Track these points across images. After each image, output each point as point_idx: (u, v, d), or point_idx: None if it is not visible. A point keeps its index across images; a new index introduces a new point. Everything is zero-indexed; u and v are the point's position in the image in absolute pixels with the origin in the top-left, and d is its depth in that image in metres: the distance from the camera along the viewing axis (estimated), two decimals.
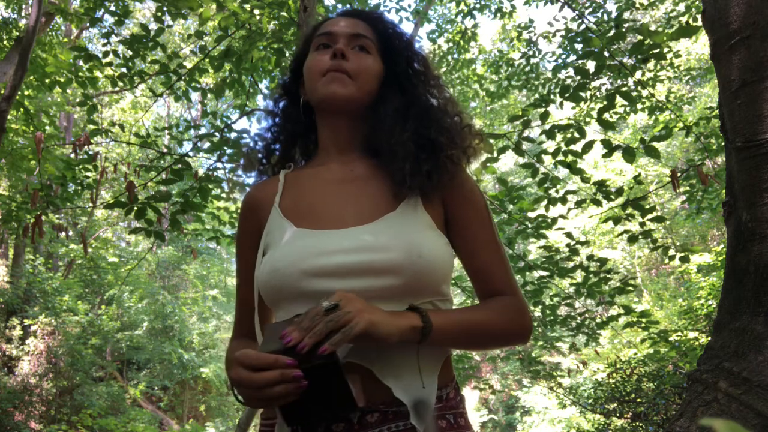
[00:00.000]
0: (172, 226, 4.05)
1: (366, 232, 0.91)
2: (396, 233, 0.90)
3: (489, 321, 0.93)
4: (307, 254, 0.89)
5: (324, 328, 0.74)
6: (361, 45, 1.04)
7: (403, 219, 0.94)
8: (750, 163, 1.41)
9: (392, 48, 1.07)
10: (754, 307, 1.36)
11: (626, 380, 6.04)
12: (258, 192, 1.08)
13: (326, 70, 1.00)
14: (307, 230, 0.94)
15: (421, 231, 0.93)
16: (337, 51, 1.00)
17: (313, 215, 0.97)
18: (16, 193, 7.74)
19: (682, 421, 1.33)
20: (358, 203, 0.98)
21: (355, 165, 1.04)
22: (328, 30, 1.05)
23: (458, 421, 0.93)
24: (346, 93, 0.99)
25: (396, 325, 0.80)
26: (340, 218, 0.95)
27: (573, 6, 5.82)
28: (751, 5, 1.44)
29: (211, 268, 16.07)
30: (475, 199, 1.02)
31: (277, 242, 0.95)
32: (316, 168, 1.07)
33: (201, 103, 12.73)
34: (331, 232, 0.92)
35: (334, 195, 1.00)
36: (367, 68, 1.02)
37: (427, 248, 0.89)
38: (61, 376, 9.91)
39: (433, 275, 0.90)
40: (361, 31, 1.05)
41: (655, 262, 15.63)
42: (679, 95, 8.78)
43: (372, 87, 1.03)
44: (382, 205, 0.97)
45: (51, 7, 6.03)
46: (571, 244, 4.10)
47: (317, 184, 1.03)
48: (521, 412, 14.52)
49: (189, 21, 12.61)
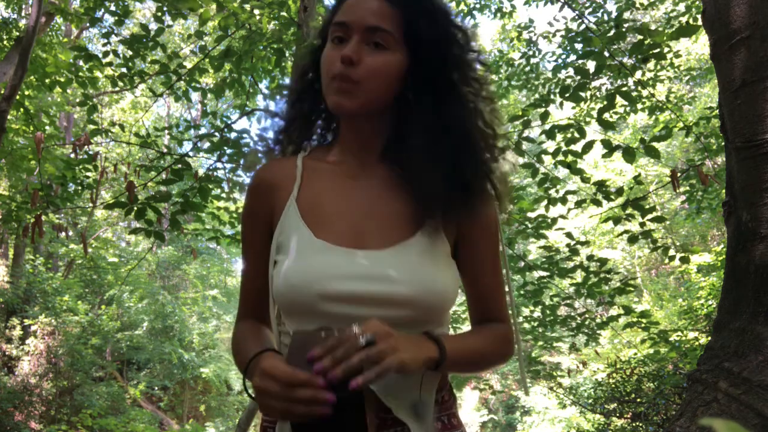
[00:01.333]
0: (172, 226, 4.05)
1: (386, 259, 0.90)
2: (414, 266, 0.90)
3: (486, 350, 0.98)
4: (325, 276, 0.88)
5: (358, 363, 0.73)
6: (378, 41, 0.91)
7: (422, 249, 0.92)
8: (750, 163, 1.41)
9: (424, 38, 0.93)
10: (754, 307, 1.36)
11: (626, 380, 6.03)
12: (272, 173, 1.02)
13: (335, 75, 0.91)
14: (325, 244, 0.91)
15: (438, 264, 0.93)
16: (345, 58, 0.89)
17: (332, 225, 0.94)
18: (16, 193, 7.73)
19: (682, 421, 1.33)
20: (379, 219, 0.95)
21: (376, 170, 0.99)
22: (344, 20, 0.93)
23: (452, 421, 0.98)
24: (352, 106, 0.92)
25: (419, 360, 0.82)
26: (360, 235, 0.93)
27: (573, 6, 5.82)
28: (751, 5, 1.44)
29: (211, 268, 16.07)
30: (491, 229, 1.00)
31: (293, 248, 0.92)
32: (335, 164, 1.01)
33: (201, 103, 12.74)
34: (350, 252, 0.90)
35: (353, 203, 0.96)
36: (378, 72, 0.91)
37: (442, 284, 0.91)
38: (61, 376, 9.91)
39: (443, 308, 0.93)
40: (379, 22, 0.91)
41: (655, 262, 15.63)
42: (679, 95, 8.78)
43: (385, 91, 0.93)
44: (402, 226, 0.94)
45: (51, 7, 6.03)
46: (571, 244, 4.10)
47: (336, 184, 0.98)
48: (521, 412, 14.51)
49: (189, 21, 12.61)
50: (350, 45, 0.91)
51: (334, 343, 0.75)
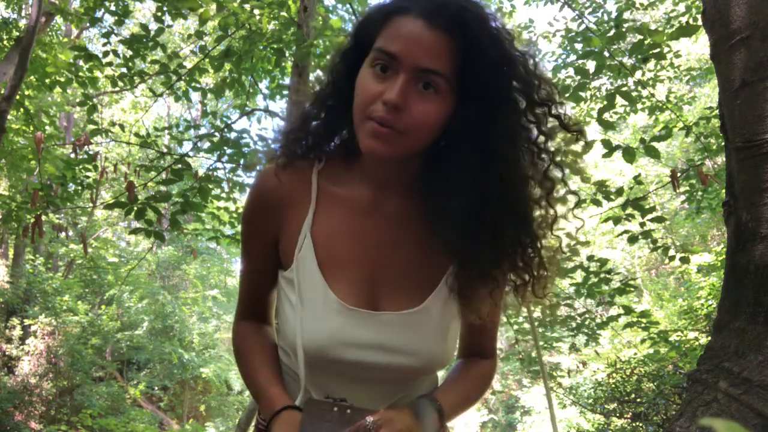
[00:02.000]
0: (172, 226, 4.06)
1: (398, 327, 0.89)
2: (425, 339, 0.90)
3: (475, 396, 1.01)
4: (336, 342, 0.87)
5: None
6: (427, 83, 0.79)
7: (435, 315, 0.91)
8: (750, 163, 1.41)
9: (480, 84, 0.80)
10: (754, 307, 1.36)
11: (626, 380, 6.03)
12: (283, 184, 0.93)
13: (372, 115, 0.79)
14: (340, 304, 0.88)
15: (444, 337, 0.93)
16: (389, 103, 0.77)
17: (347, 274, 0.90)
18: (16, 193, 7.73)
19: (682, 421, 1.33)
20: (395, 269, 0.91)
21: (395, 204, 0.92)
22: (393, 51, 0.78)
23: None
24: (391, 153, 0.81)
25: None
26: (375, 290, 0.91)
27: (573, 6, 5.82)
28: (751, 5, 1.44)
29: (211, 268, 16.07)
30: None
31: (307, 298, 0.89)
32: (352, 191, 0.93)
33: (201, 103, 12.74)
34: (363, 316, 0.88)
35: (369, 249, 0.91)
36: (426, 121, 0.80)
37: (443, 358, 0.93)
38: (61, 376, 9.91)
39: (437, 371, 0.98)
40: (434, 65, 0.77)
41: (655, 262, 15.63)
42: (679, 95, 8.78)
43: (431, 137, 0.83)
44: (419, 283, 0.91)
45: (51, 7, 6.03)
46: (571, 244, 4.10)
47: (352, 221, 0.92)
48: (521, 412, 14.51)
49: (189, 21, 12.61)
50: (397, 87, 0.78)
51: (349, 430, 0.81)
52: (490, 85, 0.80)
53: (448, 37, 0.78)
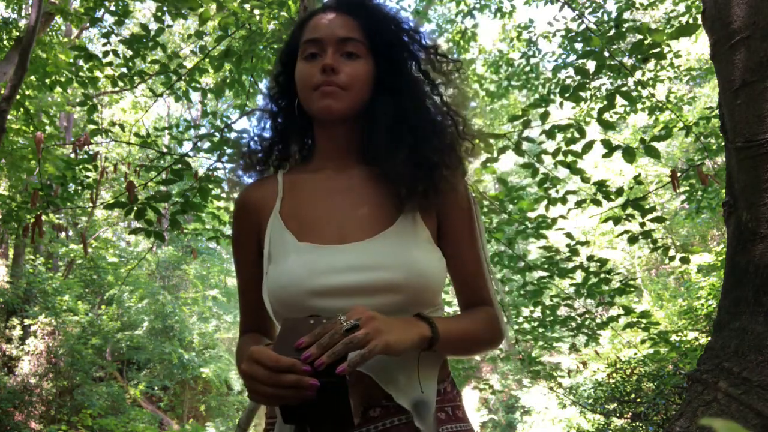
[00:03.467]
0: (172, 226, 4.05)
1: (367, 249, 0.94)
2: (396, 251, 0.93)
3: (477, 332, 1.01)
4: (310, 273, 0.91)
5: (343, 349, 0.76)
6: (350, 51, 1.00)
7: (402, 235, 0.96)
8: (750, 163, 1.41)
9: (383, 44, 1.03)
10: (754, 307, 1.36)
11: (626, 380, 6.04)
12: (255, 193, 1.08)
13: (317, 85, 0.98)
14: (309, 245, 0.96)
15: (419, 247, 0.96)
16: (327, 66, 0.97)
17: (314, 228, 0.99)
18: (16, 193, 7.72)
19: (682, 421, 1.33)
20: (358, 215, 0.99)
21: (353, 172, 1.04)
22: (315, 37, 1.01)
23: (456, 413, 0.98)
24: (341, 107, 0.98)
25: (409, 339, 0.84)
26: (341, 232, 0.97)
27: (573, 6, 5.82)
28: (751, 5, 1.44)
29: (211, 268, 16.06)
30: (469, 213, 1.04)
31: (280, 256, 0.97)
32: (313, 173, 1.07)
33: (201, 103, 12.74)
34: (332, 248, 0.94)
35: (333, 205, 1.01)
36: (358, 77, 0.99)
37: (425, 266, 0.94)
38: (61, 376, 9.91)
39: (430, 291, 0.95)
40: (349, 33, 1.01)
41: (655, 263, 15.62)
42: (679, 95, 8.77)
43: (365, 94, 1.02)
44: (381, 217, 0.98)
45: (51, 7, 6.03)
46: (571, 245, 4.10)
47: (316, 192, 1.04)
48: (521, 412, 14.51)
49: (189, 21, 12.61)
50: (327, 56, 0.98)
51: (320, 330, 0.77)
52: (390, 43, 1.02)
53: (353, 16, 1.02)
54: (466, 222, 1.04)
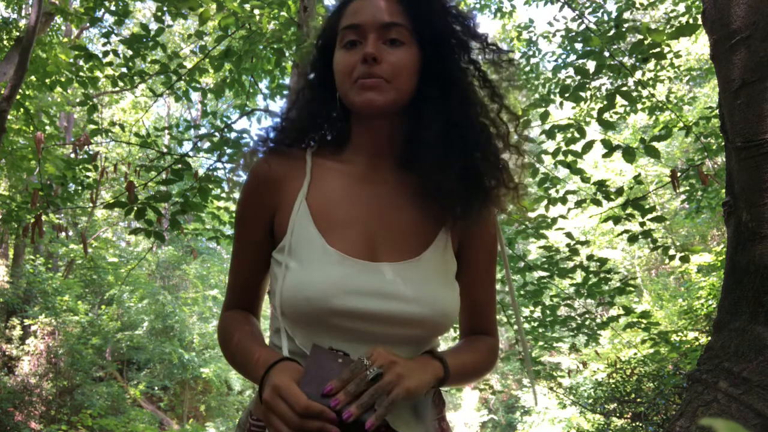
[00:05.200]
0: (172, 226, 4.05)
1: (398, 274, 0.89)
2: (426, 285, 0.90)
3: (480, 364, 1.00)
4: (339, 290, 0.86)
5: (370, 400, 0.75)
6: (393, 37, 0.90)
7: (434, 265, 0.93)
8: (750, 163, 1.41)
9: (430, 29, 0.92)
10: (754, 307, 1.36)
11: (626, 380, 6.04)
12: (279, 165, 0.97)
13: (358, 77, 0.89)
14: (339, 255, 0.89)
15: (447, 284, 0.94)
16: (368, 56, 0.88)
17: (344, 232, 0.92)
18: (16, 193, 7.73)
19: (682, 421, 1.33)
20: (392, 230, 0.93)
21: (388, 174, 0.96)
22: (356, 22, 0.91)
23: (441, 425, 0.98)
24: (384, 100, 0.89)
25: (426, 382, 0.84)
26: (373, 246, 0.91)
27: (573, 6, 5.82)
28: (751, 5, 1.44)
29: (211, 268, 16.05)
30: (490, 240, 1.01)
31: (305, 257, 0.89)
32: (346, 164, 0.98)
33: (201, 103, 12.73)
34: (363, 265, 0.89)
35: (366, 210, 0.94)
36: (404, 67, 0.90)
37: (450, 305, 0.92)
38: (61, 376, 9.91)
39: (447, 328, 0.94)
40: (392, 18, 0.90)
41: (655, 262, 15.62)
42: (679, 95, 8.77)
43: (412, 85, 0.92)
44: (415, 237, 0.94)
45: (51, 7, 6.03)
46: (571, 244, 4.10)
47: (348, 188, 0.96)
48: (521, 412, 14.51)
49: (189, 21, 12.61)
50: (369, 44, 0.89)
51: (347, 376, 0.77)
52: (438, 29, 0.92)
53: (397, 1, 0.92)
54: (488, 250, 1.01)
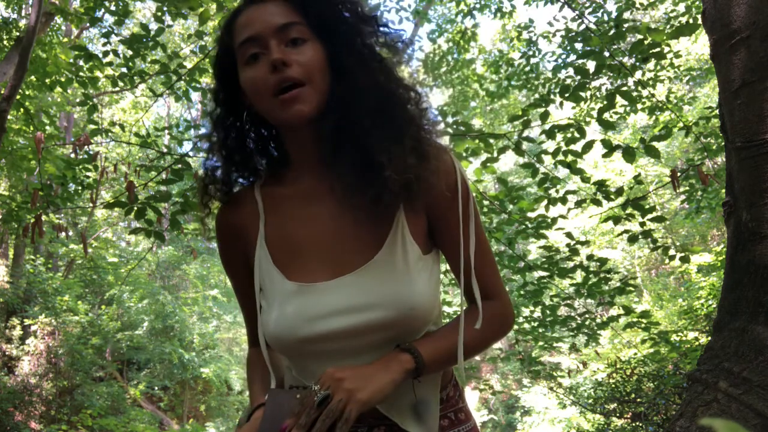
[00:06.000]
0: (172, 226, 4.05)
1: (355, 284, 0.88)
2: (385, 287, 0.87)
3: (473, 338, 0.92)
4: (301, 322, 0.88)
5: (323, 426, 0.74)
6: (294, 37, 0.88)
7: (392, 262, 0.89)
8: (750, 163, 1.41)
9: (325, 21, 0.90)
10: (754, 307, 1.36)
11: (626, 380, 6.03)
12: (235, 214, 1.00)
13: (275, 89, 0.86)
14: (297, 286, 0.90)
15: (409, 275, 0.88)
16: (276, 62, 0.84)
17: (302, 261, 0.92)
18: (16, 193, 7.73)
19: (682, 421, 1.33)
20: (344, 240, 0.92)
21: (334, 183, 0.92)
22: (252, 34, 0.87)
23: (458, 416, 0.98)
24: (311, 107, 0.87)
25: (390, 381, 0.82)
26: (329, 262, 0.91)
27: (573, 6, 5.82)
28: (751, 5, 1.44)
29: (211, 268, 16.05)
30: (450, 199, 0.92)
31: (271, 298, 0.93)
32: (290, 186, 0.97)
33: (201, 103, 12.72)
34: (321, 287, 0.89)
35: (317, 226, 0.93)
36: (314, 64, 0.87)
37: (416, 299, 0.87)
38: (61, 376, 9.91)
39: (424, 321, 0.90)
40: (287, 18, 0.88)
41: (655, 262, 15.62)
42: (679, 95, 8.77)
43: (326, 80, 0.90)
44: (368, 237, 0.91)
45: (51, 7, 6.03)
46: (571, 244, 4.10)
47: (298, 213, 0.95)
48: (521, 412, 14.50)
49: (189, 21, 12.61)
50: (272, 50, 0.86)
51: (298, 410, 0.77)
52: (332, 17, 0.90)
53: (284, 2, 0.90)
54: (453, 209, 0.92)
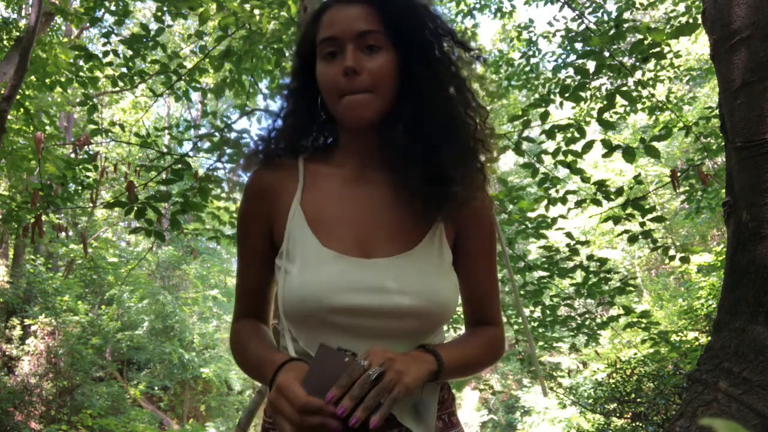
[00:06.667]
0: (172, 226, 4.06)
1: (391, 269, 0.91)
2: (420, 277, 0.92)
3: (479, 355, 1.00)
4: (335, 288, 0.89)
5: (374, 402, 0.77)
6: (371, 44, 0.93)
7: (428, 257, 0.95)
8: (750, 163, 1.41)
9: (404, 31, 0.95)
10: (754, 307, 1.36)
11: (626, 380, 6.03)
12: (273, 176, 1.01)
13: (343, 92, 0.92)
14: (333, 254, 0.92)
15: (442, 274, 0.95)
16: (348, 70, 0.90)
17: (339, 232, 0.94)
18: (16, 193, 7.73)
19: (682, 421, 1.33)
20: (384, 227, 0.96)
21: (377, 176, 0.99)
22: (332, 35, 0.93)
23: (452, 419, 1.00)
24: (372, 113, 0.93)
25: (421, 378, 0.85)
26: (366, 244, 0.94)
27: (573, 6, 5.82)
28: (751, 5, 1.44)
29: (211, 268, 16.06)
30: (486, 231, 1.02)
31: (302, 259, 0.92)
32: (337, 167, 1.01)
33: (201, 103, 12.72)
34: (358, 262, 0.91)
35: (358, 210, 0.97)
36: (384, 73, 0.93)
37: (446, 296, 0.93)
38: (61, 376, 9.91)
39: (445, 318, 0.95)
40: (367, 25, 0.93)
41: (655, 262, 15.62)
42: (679, 95, 8.77)
43: (392, 90, 0.95)
44: (408, 232, 0.95)
45: (51, 7, 6.03)
46: (571, 244, 4.10)
47: (340, 191, 0.99)
48: (521, 412, 14.51)
49: (189, 21, 12.61)
50: (347, 55, 0.92)
51: (347, 381, 0.78)
52: (410, 30, 0.94)
53: (367, 4, 0.94)
54: (485, 240, 1.02)
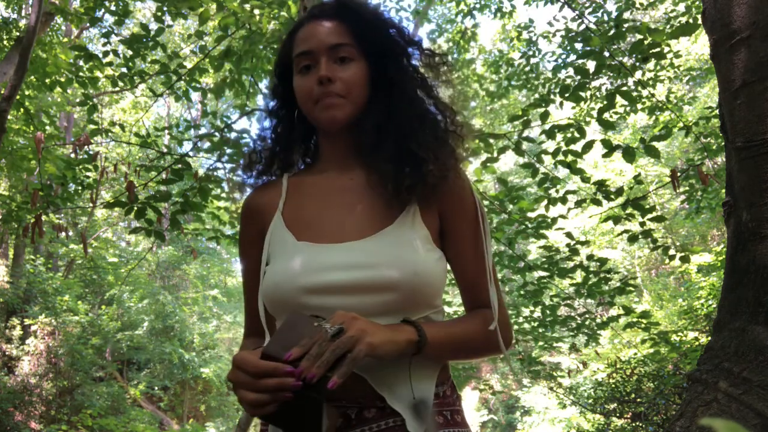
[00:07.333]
0: (172, 226, 4.05)
1: (363, 247, 0.93)
2: (392, 250, 0.93)
3: (468, 333, 0.98)
4: (305, 270, 0.92)
5: (331, 357, 0.76)
6: (343, 56, 1.01)
7: (400, 234, 0.96)
8: (750, 163, 1.41)
9: (373, 43, 1.03)
10: (754, 307, 1.36)
11: (626, 380, 6.04)
12: (260, 197, 1.10)
13: (317, 98, 1.00)
14: (307, 243, 0.96)
15: (416, 247, 0.95)
16: (323, 78, 0.98)
17: (314, 227, 0.99)
18: (16, 193, 7.73)
19: (682, 421, 1.33)
20: (357, 215, 0.99)
21: (355, 173, 1.05)
22: (306, 49, 1.01)
23: (455, 417, 0.97)
24: (344, 115, 1.00)
25: (395, 342, 0.84)
26: (340, 231, 0.97)
27: (573, 6, 5.82)
28: (751, 5, 1.44)
29: (211, 268, 16.06)
30: (469, 212, 1.03)
31: (278, 255, 0.98)
32: (317, 175, 1.08)
33: (201, 103, 12.72)
34: (330, 246, 0.95)
35: (334, 206, 1.02)
36: (355, 81, 1.01)
37: (422, 265, 0.93)
38: (61, 376, 9.91)
39: (427, 291, 0.94)
40: (339, 39, 1.01)
41: (655, 262, 15.62)
42: (679, 95, 8.77)
43: (363, 96, 1.03)
44: (380, 216, 0.98)
45: (51, 7, 6.03)
46: (571, 244, 4.10)
47: (318, 193, 1.05)
48: (521, 412, 14.51)
49: (189, 21, 12.61)
50: (321, 66, 0.99)
51: (307, 342, 0.77)
52: (379, 42, 1.03)
53: (340, 20, 1.02)
54: (469, 222, 1.02)
